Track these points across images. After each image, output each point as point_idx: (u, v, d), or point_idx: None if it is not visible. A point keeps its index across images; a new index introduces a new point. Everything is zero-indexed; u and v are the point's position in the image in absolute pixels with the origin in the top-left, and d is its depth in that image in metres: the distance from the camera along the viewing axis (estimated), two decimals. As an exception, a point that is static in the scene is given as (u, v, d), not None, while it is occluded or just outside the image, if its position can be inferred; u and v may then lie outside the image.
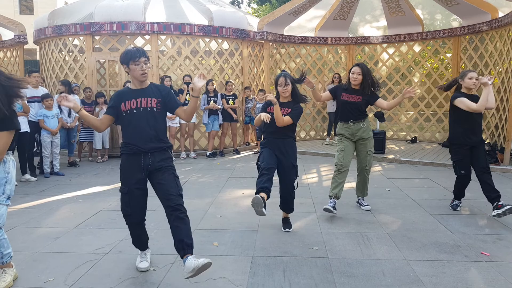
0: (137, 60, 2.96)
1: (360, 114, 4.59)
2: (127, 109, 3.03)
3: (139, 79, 3.03)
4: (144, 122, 3.01)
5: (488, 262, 3.34)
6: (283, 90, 3.92)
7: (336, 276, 3.08)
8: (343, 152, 4.59)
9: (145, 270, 3.19)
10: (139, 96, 3.03)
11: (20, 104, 6.17)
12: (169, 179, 3.07)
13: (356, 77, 4.46)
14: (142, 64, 2.98)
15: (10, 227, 4.22)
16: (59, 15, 9.06)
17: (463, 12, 9.37)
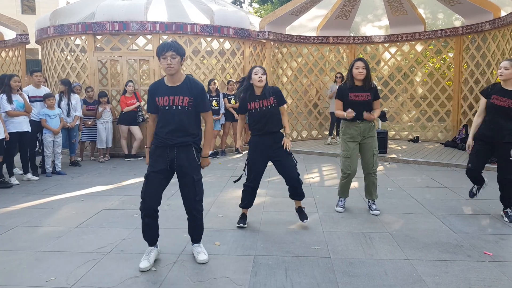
0: (164, 54, 3.05)
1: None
2: (160, 104, 3.16)
3: (166, 73, 3.13)
4: (175, 119, 3.13)
5: (491, 262, 3.32)
6: (259, 78, 3.89)
7: (338, 275, 3.07)
8: (349, 159, 4.52)
9: (145, 270, 3.16)
10: (172, 94, 3.14)
11: (22, 103, 6.20)
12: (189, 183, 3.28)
13: (361, 71, 4.35)
14: (169, 58, 3.04)
15: (12, 226, 4.22)
16: (61, 14, 9.07)
17: (466, 11, 9.35)
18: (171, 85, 3.16)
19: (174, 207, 4.87)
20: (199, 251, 3.38)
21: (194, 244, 3.46)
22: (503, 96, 4.23)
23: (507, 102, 4.20)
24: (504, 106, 4.21)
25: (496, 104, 4.25)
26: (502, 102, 4.23)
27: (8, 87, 6.09)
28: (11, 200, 5.30)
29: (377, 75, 11.37)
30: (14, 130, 6.07)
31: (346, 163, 4.55)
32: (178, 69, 3.13)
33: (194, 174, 3.25)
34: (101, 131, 8.05)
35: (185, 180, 3.25)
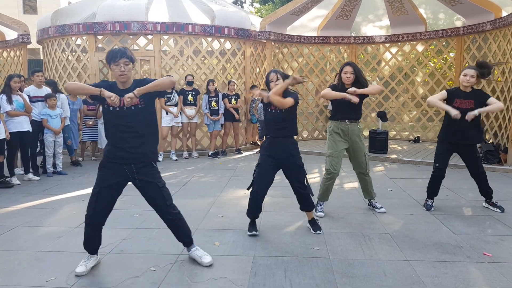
0: (117, 61, 2.99)
1: (357, 114, 4.57)
2: (110, 105, 3.00)
3: (118, 80, 3.05)
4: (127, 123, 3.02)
5: (491, 263, 3.32)
6: (276, 84, 3.83)
7: (337, 276, 3.08)
8: (336, 159, 4.53)
9: (81, 275, 3.07)
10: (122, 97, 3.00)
11: (22, 103, 6.21)
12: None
13: (349, 76, 4.43)
14: (122, 65, 2.99)
15: (12, 226, 4.24)
16: (62, 15, 9.09)
17: (467, 12, 9.34)
18: (121, 88, 3.07)
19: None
20: (201, 255, 3.32)
21: (189, 248, 3.38)
22: (465, 98, 4.50)
23: (468, 103, 4.47)
24: (466, 108, 4.43)
25: (460, 107, 4.44)
26: (464, 104, 4.47)
27: (8, 87, 6.12)
28: (12, 200, 5.31)
29: (378, 75, 11.37)
30: (15, 130, 6.09)
31: (333, 162, 4.52)
32: (130, 76, 3.09)
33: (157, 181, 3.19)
34: (102, 131, 8.06)
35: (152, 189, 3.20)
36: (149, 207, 4.88)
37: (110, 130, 3.10)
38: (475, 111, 4.39)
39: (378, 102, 11.21)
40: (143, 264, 3.30)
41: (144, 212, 4.67)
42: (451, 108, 4.44)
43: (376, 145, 8.55)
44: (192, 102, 8.40)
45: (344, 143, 4.54)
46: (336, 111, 4.59)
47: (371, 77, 11.56)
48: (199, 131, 9.08)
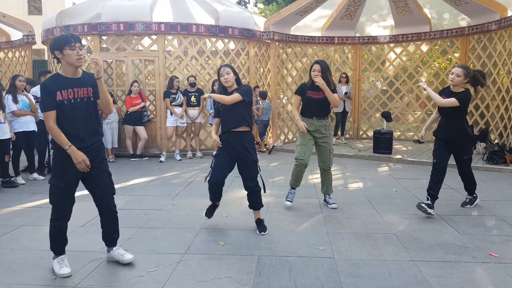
0: (73, 45, 2.90)
1: (324, 111, 4.70)
2: (63, 99, 2.94)
3: (75, 65, 2.96)
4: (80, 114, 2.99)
5: (497, 263, 3.30)
6: (225, 79, 3.90)
7: (342, 276, 3.07)
8: (304, 146, 4.70)
9: (69, 275, 3.04)
10: (75, 86, 2.98)
11: (27, 103, 6.24)
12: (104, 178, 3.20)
13: (316, 74, 4.54)
14: (78, 49, 2.92)
15: (17, 225, 4.25)
16: (67, 15, 9.13)
17: (472, 11, 9.29)
18: (72, 77, 3.00)
19: (179, 207, 4.88)
20: (122, 252, 3.28)
21: (110, 249, 3.31)
22: (448, 97, 4.44)
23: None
24: (449, 107, 4.41)
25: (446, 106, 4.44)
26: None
27: (14, 87, 6.15)
28: (17, 199, 5.33)
29: (383, 75, 11.34)
30: (20, 130, 6.12)
31: (300, 150, 4.72)
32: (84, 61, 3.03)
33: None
34: (106, 131, 8.08)
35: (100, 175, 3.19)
36: (153, 207, 4.90)
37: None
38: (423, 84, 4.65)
39: (383, 103, 11.18)
40: (148, 263, 3.30)
41: (148, 211, 4.68)
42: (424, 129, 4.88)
43: (381, 146, 8.52)
44: (195, 103, 8.40)
45: (311, 137, 4.72)
46: (304, 109, 4.74)
47: (375, 77, 11.54)
48: (203, 131, 9.10)
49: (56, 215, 3.08)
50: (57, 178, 3.03)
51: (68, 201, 3.09)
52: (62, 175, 3.02)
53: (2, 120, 5.74)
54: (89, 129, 3.05)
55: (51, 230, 3.12)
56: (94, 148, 3.10)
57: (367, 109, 11.41)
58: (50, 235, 3.13)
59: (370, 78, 11.61)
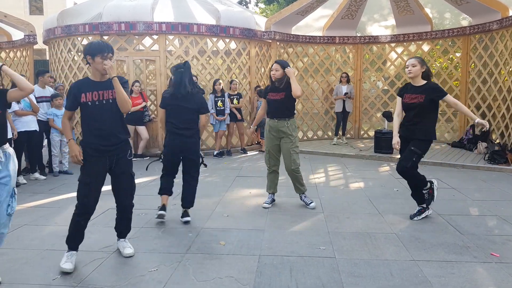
0: (105, 55, 3.11)
1: (285, 112, 4.67)
2: (87, 101, 3.15)
3: (102, 73, 3.17)
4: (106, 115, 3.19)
5: (498, 263, 3.30)
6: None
7: (343, 276, 3.07)
8: (268, 154, 4.82)
9: (69, 272, 3.11)
10: (101, 89, 3.18)
11: (28, 103, 6.25)
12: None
13: (274, 73, 4.59)
14: (108, 59, 3.14)
15: (19, 225, 4.26)
16: (68, 15, 9.14)
17: (473, 11, 9.28)
18: (99, 80, 3.22)
19: (179, 207, 4.87)
20: (125, 245, 3.52)
21: (121, 239, 3.58)
22: (414, 93, 4.20)
23: (418, 98, 4.16)
24: (415, 102, 4.17)
25: (408, 102, 4.23)
26: (413, 99, 4.19)
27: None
28: (19, 199, 5.28)
29: (384, 75, 11.33)
30: (22, 129, 6.13)
31: (266, 158, 4.88)
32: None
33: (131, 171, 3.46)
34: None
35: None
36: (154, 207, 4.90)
37: None
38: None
39: (384, 102, 11.17)
40: (149, 263, 3.31)
41: (150, 211, 4.69)
42: (395, 135, 4.38)
43: (382, 145, 8.51)
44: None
45: (275, 139, 4.73)
46: (268, 110, 4.79)
47: (376, 77, 11.53)
48: (204, 131, 9.09)
49: (78, 211, 3.22)
50: (83, 175, 3.20)
51: (91, 199, 3.21)
52: (88, 173, 3.18)
53: (4, 120, 5.75)
54: (114, 129, 3.22)
55: (71, 225, 3.25)
56: (119, 147, 3.27)
57: (368, 109, 11.39)
58: (69, 229, 3.27)
59: (371, 78, 11.60)
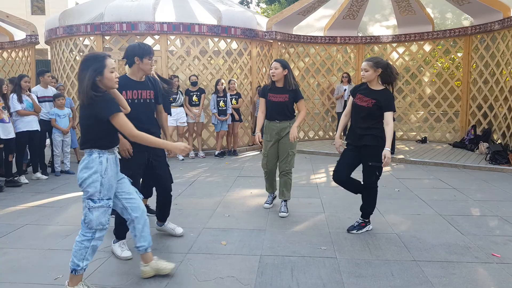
0: (151, 57, 3.42)
1: (287, 114, 4.53)
2: (127, 98, 3.35)
3: (147, 73, 3.48)
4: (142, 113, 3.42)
5: (499, 263, 3.30)
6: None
7: (345, 276, 3.07)
8: (266, 158, 4.70)
9: (130, 258, 3.36)
10: (140, 88, 3.46)
11: (31, 103, 6.27)
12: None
13: (274, 71, 4.40)
14: (152, 61, 3.46)
15: (21, 224, 4.28)
16: (70, 15, 9.15)
17: (475, 11, 9.27)
18: (138, 80, 3.48)
19: (181, 206, 4.89)
20: (173, 227, 3.91)
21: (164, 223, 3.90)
22: (367, 95, 3.85)
23: (368, 102, 3.83)
24: (364, 106, 3.84)
25: (358, 104, 3.89)
26: (363, 102, 3.85)
27: (19, 87, 6.18)
28: (21, 198, 5.36)
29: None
30: (24, 129, 6.15)
31: (263, 162, 4.76)
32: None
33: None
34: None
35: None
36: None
37: None
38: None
39: (385, 102, 11.15)
40: (150, 262, 3.31)
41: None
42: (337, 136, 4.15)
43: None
44: (197, 103, 8.41)
45: (271, 142, 4.61)
46: (268, 111, 4.62)
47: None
48: (205, 131, 9.11)
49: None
50: (124, 168, 3.26)
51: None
52: (129, 166, 3.35)
53: (7, 120, 5.78)
54: (150, 126, 3.41)
55: (116, 216, 3.36)
56: None
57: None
58: (115, 221, 3.44)
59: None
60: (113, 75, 2.72)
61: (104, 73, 2.67)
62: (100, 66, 2.66)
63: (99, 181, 2.68)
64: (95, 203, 2.70)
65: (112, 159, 2.78)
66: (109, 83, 2.71)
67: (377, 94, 3.83)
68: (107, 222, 2.77)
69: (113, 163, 2.79)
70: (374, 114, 3.83)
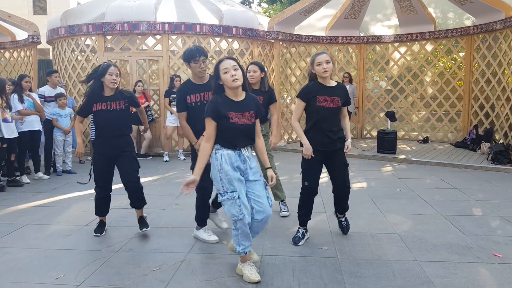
0: (197, 59, 3.48)
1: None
2: (191, 102, 3.54)
3: (198, 75, 3.57)
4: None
5: (501, 263, 3.29)
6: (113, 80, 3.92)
7: (346, 276, 3.07)
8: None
9: (216, 242, 3.68)
10: (202, 91, 3.56)
11: (32, 102, 6.28)
12: None
13: (252, 75, 4.36)
14: (201, 62, 3.49)
15: (22, 224, 4.29)
16: (72, 15, 9.17)
17: (476, 11, 9.25)
18: (199, 83, 3.60)
19: (182, 206, 4.89)
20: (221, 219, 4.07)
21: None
22: (330, 95, 3.55)
23: (334, 102, 3.56)
24: (333, 107, 3.56)
25: (325, 106, 3.54)
26: (330, 102, 3.55)
27: (20, 87, 6.20)
28: (22, 198, 5.37)
29: (387, 74, 11.31)
30: (26, 129, 6.16)
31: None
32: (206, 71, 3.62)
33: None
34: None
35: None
36: (157, 206, 4.92)
37: None
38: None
39: (387, 102, 11.15)
40: (152, 262, 3.32)
41: (152, 211, 4.69)
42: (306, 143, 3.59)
43: (385, 145, 8.50)
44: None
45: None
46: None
47: (380, 77, 11.51)
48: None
49: (198, 195, 3.66)
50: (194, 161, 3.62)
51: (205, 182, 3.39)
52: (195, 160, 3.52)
53: (10, 120, 5.79)
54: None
55: (196, 206, 3.72)
56: None
57: (371, 108, 11.38)
58: (196, 208, 3.74)
59: (374, 78, 11.58)
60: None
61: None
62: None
63: (218, 176, 2.93)
64: (222, 197, 2.94)
65: (227, 155, 2.92)
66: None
67: (338, 90, 3.60)
68: (239, 213, 2.88)
69: (228, 159, 2.91)
70: (339, 113, 3.66)
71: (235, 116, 2.91)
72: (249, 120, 2.96)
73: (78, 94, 8.95)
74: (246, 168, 2.99)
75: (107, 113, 3.75)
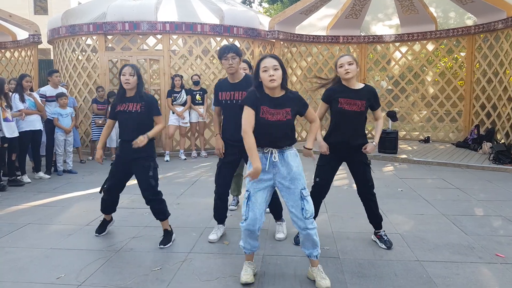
0: (226, 56, 3.48)
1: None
2: (222, 99, 3.62)
3: (228, 72, 3.58)
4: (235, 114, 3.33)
5: (503, 264, 3.27)
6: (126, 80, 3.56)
7: (347, 276, 3.06)
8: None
9: (214, 242, 3.72)
10: (233, 90, 3.57)
11: (33, 102, 6.28)
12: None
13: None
14: (230, 59, 3.49)
15: (23, 223, 4.28)
16: (73, 15, 9.17)
17: (478, 10, 9.23)
18: (232, 82, 3.62)
19: (183, 206, 4.88)
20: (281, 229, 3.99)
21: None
22: (354, 98, 3.41)
23: (358, 105, 3.41)
24: (356, 111, 3.42)
25: (347, 109, 3.42)
26: (352, 106, 3.41)
27: (20, 86, 6.19)
28: (23, 198, 5.36)
29: (388, 74, 11.29)
30: (27, 129, 6.15)
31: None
32: (238, 68, 3.57)
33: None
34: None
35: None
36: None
37: None
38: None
39: (388, 102, 11.14)
40: (153, 262, 3.31)
41: (153, 210, 4.68)
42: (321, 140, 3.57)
43: (386, 145, 8.49)
44: (200, 102, 8.41)
45: None
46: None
47: (381, 76, 11.49)
48: (207, 130, 9.10)
49: (216, 192, 3.77)
50: (222, 163, 3.69)
51: (221, 181, 3.71)
52: (225, 162, 3.68)
53: (10, 119, 5.79)
54: (236, 128, 3.26)
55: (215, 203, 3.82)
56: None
57: (372, 108, 11.35)
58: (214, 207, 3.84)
59: (375, 78, 11.57)
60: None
61: None
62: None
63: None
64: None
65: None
66: None
67: (364, 93, 3.45)
68: (244, 212, 2.92)
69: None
70: (364, 117, 3.53)
71: (268, 111, 2.84)
72: (283, 117, 2.87)
73: (79, 94, 8.95)
74: (276, 173, 2.91)
75: (124, 115, 3.63)
